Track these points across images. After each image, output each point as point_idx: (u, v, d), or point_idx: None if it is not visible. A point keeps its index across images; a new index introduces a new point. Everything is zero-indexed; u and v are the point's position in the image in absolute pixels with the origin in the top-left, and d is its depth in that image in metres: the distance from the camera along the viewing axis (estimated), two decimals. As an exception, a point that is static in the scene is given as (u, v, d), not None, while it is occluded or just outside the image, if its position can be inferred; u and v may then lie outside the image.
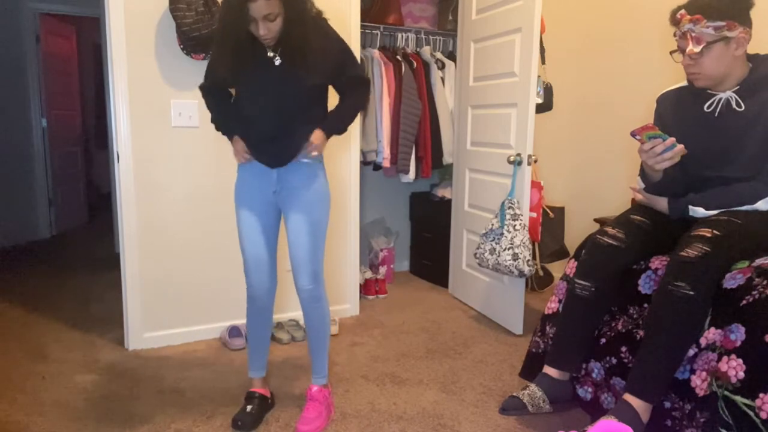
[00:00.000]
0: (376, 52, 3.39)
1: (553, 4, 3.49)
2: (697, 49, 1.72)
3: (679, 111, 1.94)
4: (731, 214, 1.73)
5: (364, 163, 3.44)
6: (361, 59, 3.17)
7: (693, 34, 1.73)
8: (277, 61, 1.73)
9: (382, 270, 3.57)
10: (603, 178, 3.37)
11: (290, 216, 1.85)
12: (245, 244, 1.89)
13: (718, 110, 1.83)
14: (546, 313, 2.20)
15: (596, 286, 1.88)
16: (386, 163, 3.42)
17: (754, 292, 1.52)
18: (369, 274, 3.47)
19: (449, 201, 3.57)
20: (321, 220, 1.86)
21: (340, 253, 3.06)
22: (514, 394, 1.99)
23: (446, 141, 3.56)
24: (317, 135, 1.78)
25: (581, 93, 3.48)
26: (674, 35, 1.82)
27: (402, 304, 3.37)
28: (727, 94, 1.82)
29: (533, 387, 1.98)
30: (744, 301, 1.53)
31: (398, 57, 3.46)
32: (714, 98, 1.84)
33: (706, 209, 1.80)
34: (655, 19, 2.94)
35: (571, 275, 2.02)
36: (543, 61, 3.04)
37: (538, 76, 2.82)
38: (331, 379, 2.30)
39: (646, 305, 1.83)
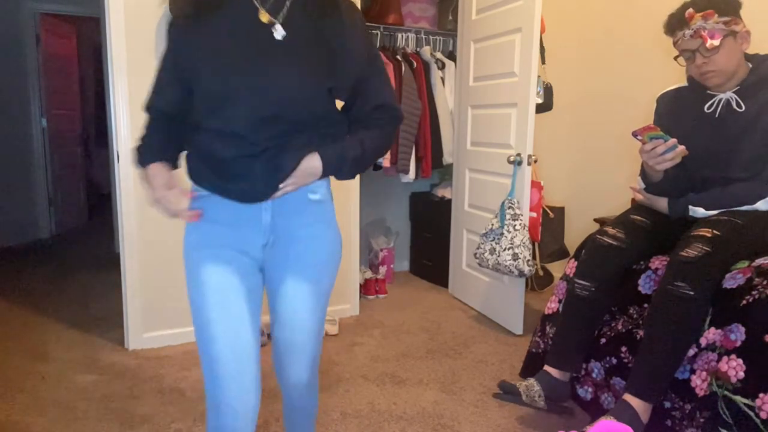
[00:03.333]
0: (376, 52, 3.39)
1: (553, 4, 3.48)
2: (717, 42, 1.72)
3: (678, 111, 1.94)
4: (731, 215, 1.73)
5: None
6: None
7: (705, 31, 1.73)
8: (279, 33, 1.09)
9: (382, 270, 3.57)
10: (603, 178, 3.37)
11: (288, 282, 1.20)
12: (219, 329, 1.11)
13: (718, 111, 1.83)
14: (546, 313, 2.20)
15: (596, 286, 1.88)
16: (386, 163, 3.42)
17: (754, 292, 1.52)
18: (369, 274, 3.47)
19: (449, 201, 3.57)
20: (330, 287, 1.28)
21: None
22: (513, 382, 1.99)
23: (446, 141, 3.56)
24: (309, 163, 1.13)
25: (581, 93, 3.48)
26: (675, 42, 1.82)
27: (402, 304, 3.37)
28: (727, 95, 1.82)
29: (532, 380, 1.97)
30: (744, 301, 1.53)
31: (398, 57, 3.46)
32: (714, 99, 1.84)
33: (706, 209, 1.80)
34: (654, 19, 2.94)
35: (571, 275, 2.02)
36: (543, 61, 3.04)
37: (538, 76, 2.82)
38: (331, 379, 2.30)
39: (646, 305, 1.82)
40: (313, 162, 1.13)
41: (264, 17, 1.10)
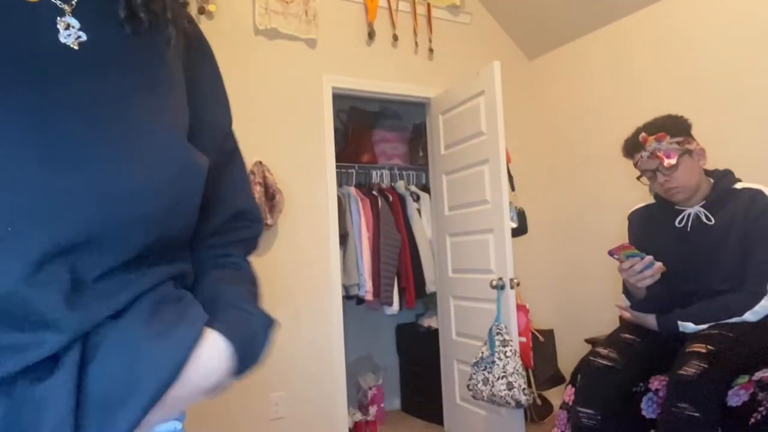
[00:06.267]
0: (352, 189, 3.50)
1: (516, 134, 3.69)
2: (674, 160, 1.80)
3: (650, 228, 1.99)
4: (722, 328, 1.70)
5: (346, 297, 3.39)
6: (339, 199, 3.25)
7: (661, 152, 1.82)
8: (77, 35, 0.54)
9: (372, 410, 3.37)
10: (588, 296, 3.35)
11: None
12: None
13: (689, 225, 1.88)
14: (549, 447, 2.05)
15: (601, 413, 1.77)
16: (369, 296, 3.38)
17: (760, 408, 1.46)
18: (358, 416, 3.27)
19: (436, 330, 3.49)
20: None
21: (326, 397, 2.90)
22: None
23: (428, 270, 3.56)
24: (207, 359, 0.52)
25: (554, 214, 3.58)
26: (635, 163, 1.92)
27: (396, 447, 3.14)
28: (696, 209, 1.88)
29: None
30: (752, 419, 1.46)
31: (374, 192, 3.57)
32: (683, 213, 1.90)
33: (695, 324, 1.77)
34: (615, 136, 3.13)
35: (571, 403, 1.92)
36: (513, 188, 3.16)
37: (510, 202, 2.91)
38: None
39: (652, 431, 1.72)
40: (213, 352, 0.52)
41: (61, 22, 0.52)
